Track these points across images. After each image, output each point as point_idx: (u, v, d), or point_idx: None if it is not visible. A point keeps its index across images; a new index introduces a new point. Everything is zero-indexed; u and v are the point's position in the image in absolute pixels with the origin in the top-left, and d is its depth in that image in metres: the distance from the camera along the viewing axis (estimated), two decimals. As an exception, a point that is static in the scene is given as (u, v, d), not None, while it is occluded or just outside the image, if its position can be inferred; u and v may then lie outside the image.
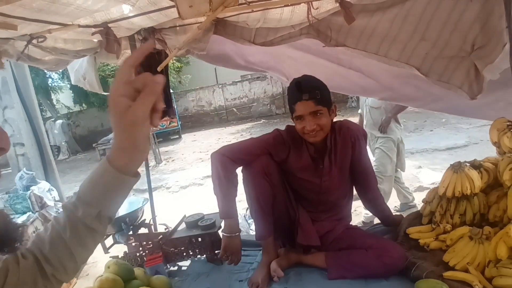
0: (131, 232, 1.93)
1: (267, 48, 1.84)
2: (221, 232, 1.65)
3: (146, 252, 1.87)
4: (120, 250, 1.91)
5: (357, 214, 3.39)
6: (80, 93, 12.47)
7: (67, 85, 13.11)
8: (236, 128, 11.94)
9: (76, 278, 2.99)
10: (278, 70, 2.54)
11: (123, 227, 1.91)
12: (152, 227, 2.15)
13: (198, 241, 1.83)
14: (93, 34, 1.71)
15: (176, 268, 1.91)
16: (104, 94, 3.21)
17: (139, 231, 1.99)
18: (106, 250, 1.92)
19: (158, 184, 6.19)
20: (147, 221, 2.08)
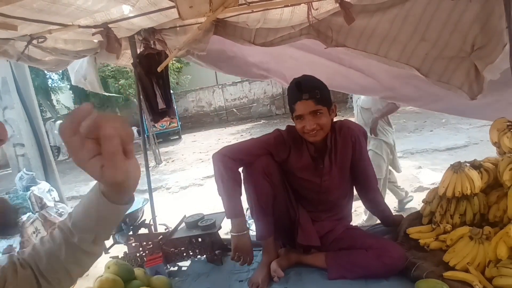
0: (131, 233, 1.93)
1: (267, 49, 1.84)
2: (229, 233, 1.61)
3: (146, 252, 1.87)
4: (120, 250, 1.91)
5: (357, 214, 3.39)
6: (80, 94, 12.44)
7: (67, 85, 13.08)
8: (236, 128, 11.93)
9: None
10: (279, 72, 2.54)
11: (123, 227, 1.91)
12: (152, 227, 2.15)
13: (198, 241, 1.84)
14: (93, 35, 1.71)
15: (176, 268, 1.91)
16: (105, 94, 3.22)
17: (139, 231, 1.98)
18: (106, 250, 1.92)
19: (158, 184, 6.18)
20: (147, 221, 2.08)
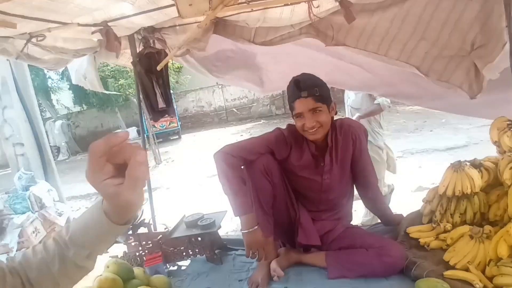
0: (130, 232, 1.92)
1: (265, 47, 1.83)
2: (240, 232, 1.58)
3: (146, 251, 1.87)
4: (119, 249, 1.90)
5: (357, 214, 3.38)
6: (80, 93, 12.46)
7: (67, 85, 13.08)
8: (236, 128, 11.92)
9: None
10: (276, 72, 2.51)
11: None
12: (152, 226, 2.14)
13: (197, 240, 1.83)
14: (93, 33, 1.70)
15: (175, 267, 1.91)
16: (105, 93, 3.21)
17: (139, 230, 1.98)
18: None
19: (158, 184, 6.18)
20: (146, 220, 2.07)
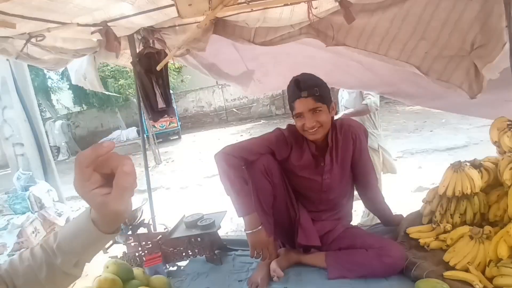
0: (130, 232, 1.92)
1: (264, 47, 1.83)
2: (244, 232, 1.57)
3: (145, 252, 1.87)
4: (119, 250, 1.90)
5: (357, 214, 3.38)
6: (80, 93, 12.45)
7: (66, 85, 13.07)
8: (236, 128, 11.92)
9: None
10: (275, 72, 2.51)
11: (122, 227, 1.90)
12: (151, 227, 2.14)
13: (197, 241, 1.83)
14: (92, 33, 1.70)
15: (175, 268, 1.90)
16: (105, 93, 3.21)
17: (138, 231, 1.98)
18: (105, 250, 1.91)
19: (158, 184, 6.18)
20: (146, 221, 2.07)
